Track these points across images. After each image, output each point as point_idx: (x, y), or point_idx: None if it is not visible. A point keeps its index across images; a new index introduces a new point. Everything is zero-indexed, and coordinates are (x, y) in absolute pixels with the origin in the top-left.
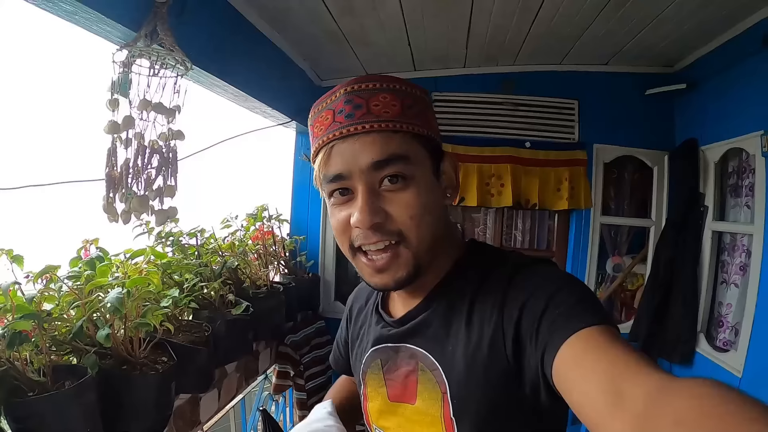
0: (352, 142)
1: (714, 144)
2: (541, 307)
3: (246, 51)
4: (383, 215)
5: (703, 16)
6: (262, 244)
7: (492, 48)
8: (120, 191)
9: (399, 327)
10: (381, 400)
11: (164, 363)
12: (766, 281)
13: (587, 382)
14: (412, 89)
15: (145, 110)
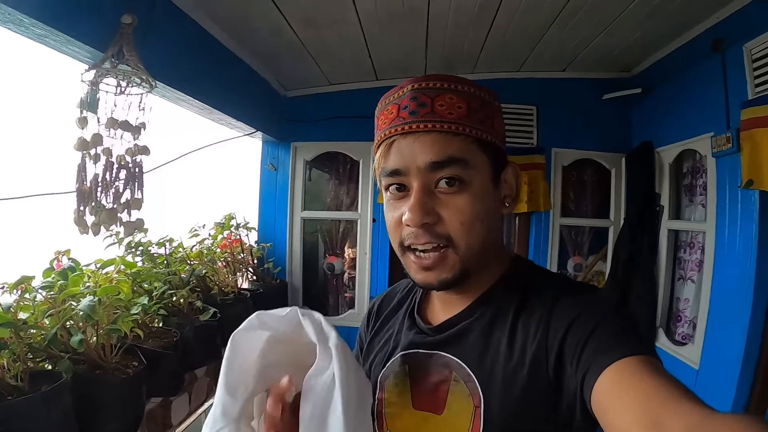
0: (412, 140)
1: (668, 146)
2: (588, 329)
3: (210, 65)
4: (435, 216)
5: (653, 24)
6: (230, 251)
7: (450, 58)
8: (90, 204)
9: (436, 334)
10: (404, 407)
11: (135, 367)
12: (719, 276)
13: (626, 411)
14: (481, 92)
15: (113, 128)
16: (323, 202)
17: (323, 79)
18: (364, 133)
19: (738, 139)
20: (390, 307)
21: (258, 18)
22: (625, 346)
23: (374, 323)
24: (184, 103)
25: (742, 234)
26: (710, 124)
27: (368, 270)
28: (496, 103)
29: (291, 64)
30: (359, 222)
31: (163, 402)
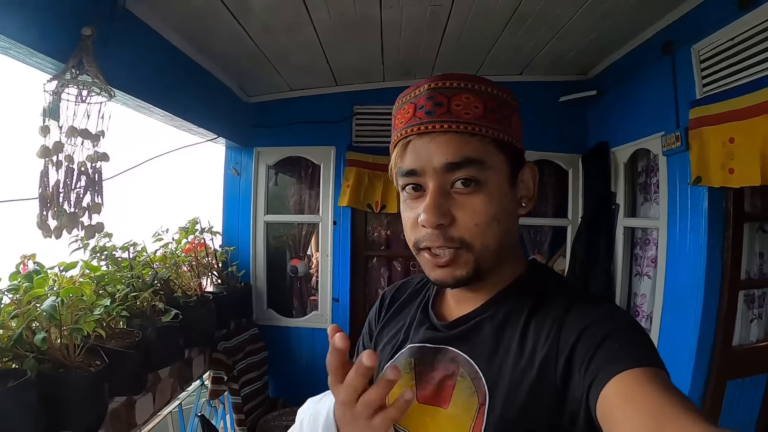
0: (428, 140)
1: (623, 146)
2: (599, 338)
3: (171, 74)
4: (449, 218)
5: (605, 27)
6: (194, 255)
7: (407, 63)
8: (52, 209)
9: (447, 330)
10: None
11: (97, 366)
12: (671, 272)
13: (630, 421)
14: (499, 92)
15: (73, 136)
16: (286, 206)
17: (284, 85)
18: (325, 137)
19: (687, 137)
20: (402, 299)
21: (217, 26)
22: (635, 357)
23: (385, 313)
24: (145, 111)
25: (692, 230)
26: (661, 123)
27: (330, 272)
28: (514, 103)
29: (252, 71)
30: (320, 225)
31: (127, 401)
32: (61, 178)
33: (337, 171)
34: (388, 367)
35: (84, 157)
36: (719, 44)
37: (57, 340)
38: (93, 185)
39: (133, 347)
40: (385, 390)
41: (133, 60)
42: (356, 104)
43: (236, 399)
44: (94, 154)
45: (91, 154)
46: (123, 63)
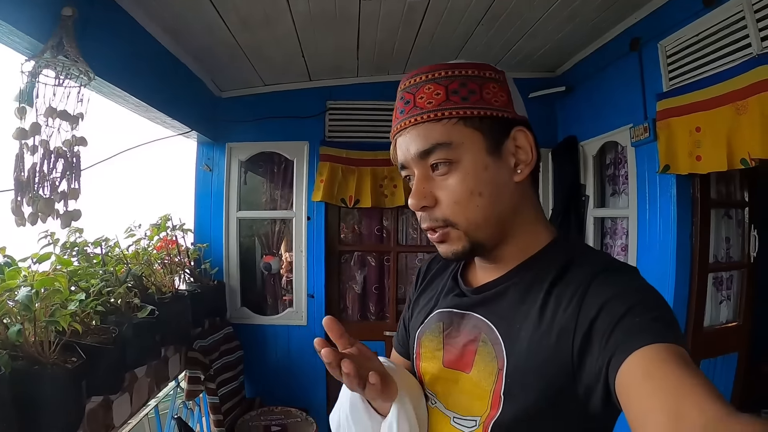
0: (405, 136)
1: (591, 139)
2: (621, 311)
3: (147, 63)
4: (431, 199)
5: (573, 27)
6: (166, 253)
7: (381, 58)
8: (27, 195)
9: (472, 296)
10: (436, 363)
11: (74, 362)
12: (642, 259)
13: (651, 397)
14: (462, 70)
15: (51, 117)
16: (259, 202)
17: (258, 79)
18: (298, 132)
19: (654, 128)
20: (437, 268)
21: (195, 16)
22: (656, 332)
23: (422, 282)
24: (119, 99)
25: (661, 216)
26: (629, 116)
27: (304, 268)
28: (488, 73)
29: (226, 64)
30: (294, 220)
31: (104, 401)
32: (37, 161)
33: (310, 166)
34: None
35: (61, 141)
36: (685, 40)
37: (31, 336)
38: (71, 170)
39: (110, 343)
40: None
41: (111, 46)
42: (330, 99)
43: (213, 399)
44: (72, 138)
45: (68, 138)
46: (101, 48)
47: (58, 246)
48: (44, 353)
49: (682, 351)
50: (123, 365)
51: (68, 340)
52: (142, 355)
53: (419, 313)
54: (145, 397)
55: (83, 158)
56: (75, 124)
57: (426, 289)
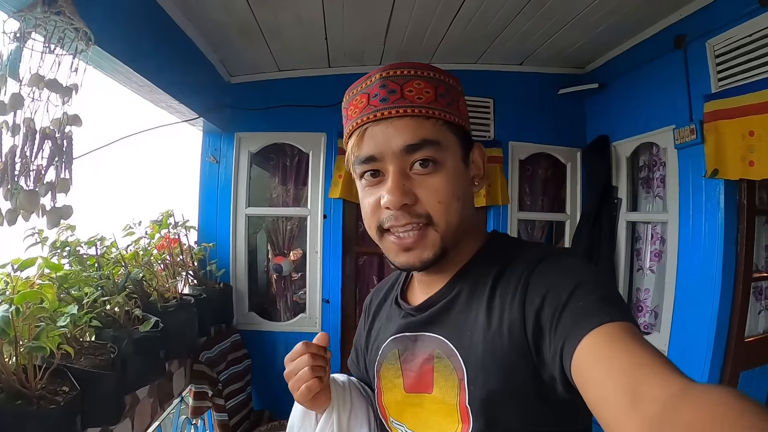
0: (385, 126)
1: (625, 140)
2: (564, 297)
3: (153, 36)
4: (412, 197)
5: (618, 19)
6: (168, 253)
7: (409, 45)
8: (5, 186)
9: (418, 314)
10: (398, 391)
11: (66, 394)
12: (684, 265)
13: (606, 379)
14: (445, 77)
15: (37, 87)
16: (268, 197)
17: (272, 64)
18: (315, 123)
19: (702, 130)
20: (378, 299)
21: None
22: (602, 313)
23: (366, 318)
24: (121, 77)
25: (707, 222)
26: (671, 117)
27: (320, 270)
28: (460, 88)
29: (240, 46)
30: (309, 218)
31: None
32: (19, 144)
33: (327, 160)
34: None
35: (50, 120)
36: (736, 40)
37: (11, 361)
38: (60, 155)
39: (108, 366)
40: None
41: (112, 11)
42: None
43: (222, 416)
44: (63, 117)
45: (59, 117)
46: (100, 14)
47: (47, 246)
48: (29, 383)
49: (630, 327)
50: (123, 389)
51: (59, 364)
52: (145, 375)
53: (372, 348)
54: (148, 420)
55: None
56: (67, 98)
57: (374, 323)
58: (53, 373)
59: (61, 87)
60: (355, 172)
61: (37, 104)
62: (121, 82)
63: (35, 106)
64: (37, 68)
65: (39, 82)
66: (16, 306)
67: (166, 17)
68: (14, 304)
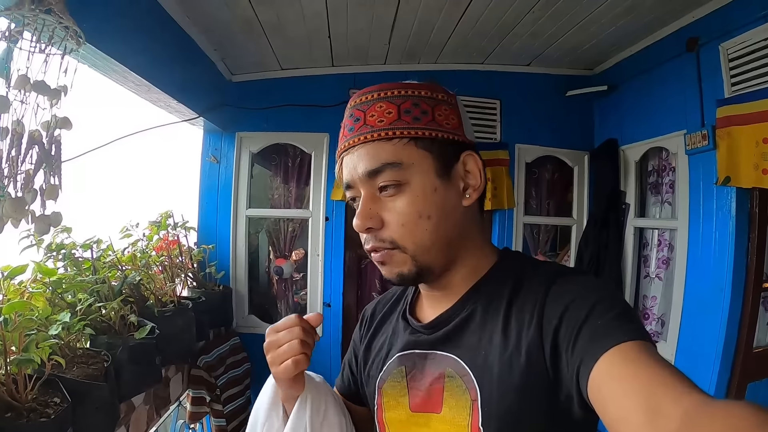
0: (352, 154)
1: (634, 144)
2: (581, 316)
3: (151, 35)
4: (377, 221)
5: (629, 20)
6: (167, 254)
7: (415, 44)
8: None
9: (429, 332)
10: (402, 410)
11: (57, 405)
12: (693, 273)
13: (623, 398)
14: (415, 91)
15: (24, 89)
16: (269, 199)
17: (274, 62)
18: (317, 123)
19: (714, 136)
20: (383, 312)
21: None
22: (619, 332)
23: (368, 329)
24: (117, 76)
25: (718, 230)
26: (681, 121)
27: (321, 273)
28: (440, 95)
29: (241, 43)
30: (311, 220)
31: None
32: (5, 149)
33: (330, 161)
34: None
35: (38, 123)
36: (751, 43)
37: (1, 372)
38: (48, 161)
39: (101, 376)
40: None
41: (107, 10)
42: (353, 88)
43: (220, 422)
44: (52, 119)
45: (47, 120)
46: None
47: (42, 248)
48: (19, 395)
49: (648, 345)
50: (117, 398)
51: (50, 374)
52: (140, 382)
53: (374, 362)
54: (144, 427)
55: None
56: (56, 100)
57: (375, 336)
58: (45, 384)
59: (49, 89)
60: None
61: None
62: (118, 81)
63: (23, 108)
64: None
65: (26, 84)
66: (5, 317)
67: (164, 14)
68: (3, 314)
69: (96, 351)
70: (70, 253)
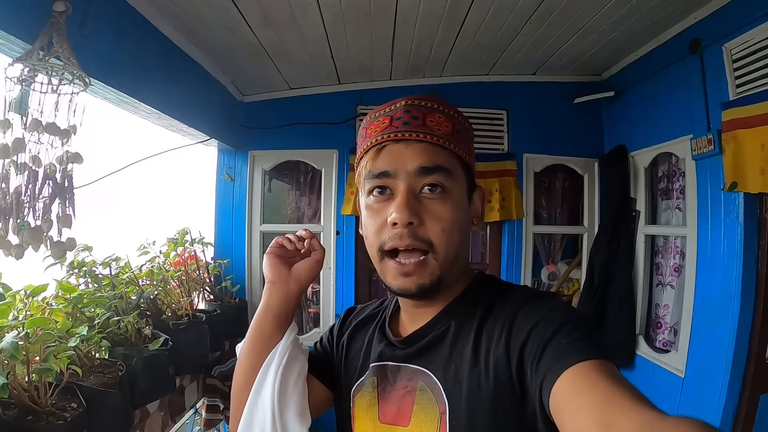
0: (403, 146)
1: (643, 149)
2: (547, 335)
3: (159, 65)
4: (419, 219)
5: (629, 25)
6: (184, 270)
7: (417, 60)
8: (12, 222)
9: (404, 347)
10: (370, 421)
11: (73, 410)
12: (702, 281)
13: (580, 413)
14: (462, 119)
15: (37, 131)
16: (283, 214)
17: (283, 83)
18: (326, 140)
19: (720, 140)
20: (360, 319)
21: (212, 15)
22: (582, 351)
23: (344, 330)
24: (128, 107)
25: (726, 237)
26: (688, 126)
27: (333, 285)
28: (472, 133)
29: (248, 67)
30: (322, 235)
31: None
32: (23, 183)
33: (340, 176)
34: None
35: (53, 159)
36: (754, 43)
37: (23, 379)
38: (62, 193)
39: (115, 384)
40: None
41: (114, 46)
42: (360, 104)
43: None
44: (64, 155)
45: (60, 154)
46: (102, 50)
47: (65, 266)
48: (39, 399)
49: (608, 365)
50: (131, 405)
51: (68, 382)
52: (154, 390)
53: (348, 367)
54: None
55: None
56: (66, 139)
57: (353, 338)
58: (63, 391)
59: (59, 129)
60: (364, 187)
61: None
62: (130, 111)
63: (38, 147)
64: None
65: (38, 127)
66: (26, 331)
67: (171, 46)
68: (25, 328)
69: (112, 361)
70: (91, 270)
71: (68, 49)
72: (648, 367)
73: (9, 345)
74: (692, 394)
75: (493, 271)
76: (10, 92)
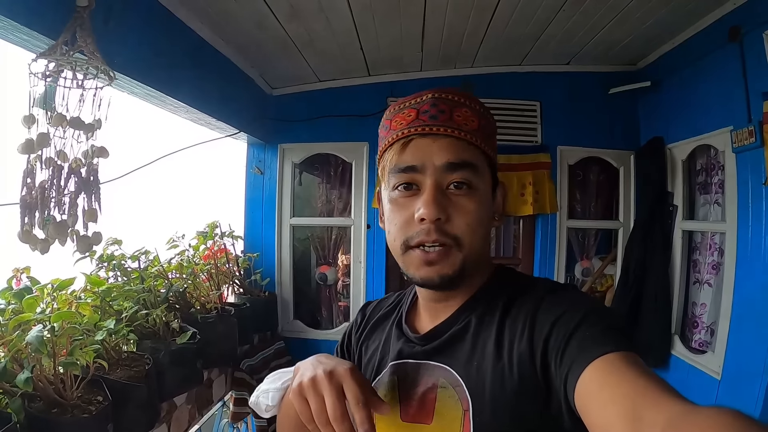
0: (431, 140)
1: (681, 142)
2: (571, 327)
3: (186, 59)
4: (446, 214)
5: (665, 12)
6: (213, 263)
7: (448, 50)
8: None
9: (424, 343)
10: (391, 420)
11: (99, 403)
12: (741, 279)
13: (608, 406)
14: (487, 113)
15: (61, 126)
16: (314, 207)
17: (312, 75)
18: (357, 132)
19: (761, 132)
20: (378, 316)
21: (239, 7)
22: (607, 343)
23: (362, 328)
24: (155, 101)
25: (767, 234)
26: (728, 117)
27: (363, 279)
28: (495, 126)
29: (277, 60)
30: (353, 228)
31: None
32: (48, 178)
33: (370, 169)
34: (378, 387)
35: (78, 153)
36: None
37: (49, 371)
38: (87, 187)
39: (142, 377)
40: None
41: (140, 40)
42: (391, 96)
43: (261, 422)
44: (89, 149)
45: (85, 149)
46: (128, 44)
47: (94, 259)
48: (65, 392)
49: (634, 356)
50: (158, 398)
51: (94, 375)
52: (181, 384)
53: (367, 369)
54: (185, 425)
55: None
56: (91, 133)
57: (369, 338)
58: (90, 384)
59: (83, 124)
60: (388, 182)
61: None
62: (158, 105)
63: (62, 142)
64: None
65: (62, 122)
66: (52, 325)
67: (199, 39)
68: (51, 322)
69: (140, 354)
70: (120, 264)
71: (92, 43)
72: (683, 367)
73: (34, 339)
74: (728, 397)
75: (525, 266)
76: (34, 87)
